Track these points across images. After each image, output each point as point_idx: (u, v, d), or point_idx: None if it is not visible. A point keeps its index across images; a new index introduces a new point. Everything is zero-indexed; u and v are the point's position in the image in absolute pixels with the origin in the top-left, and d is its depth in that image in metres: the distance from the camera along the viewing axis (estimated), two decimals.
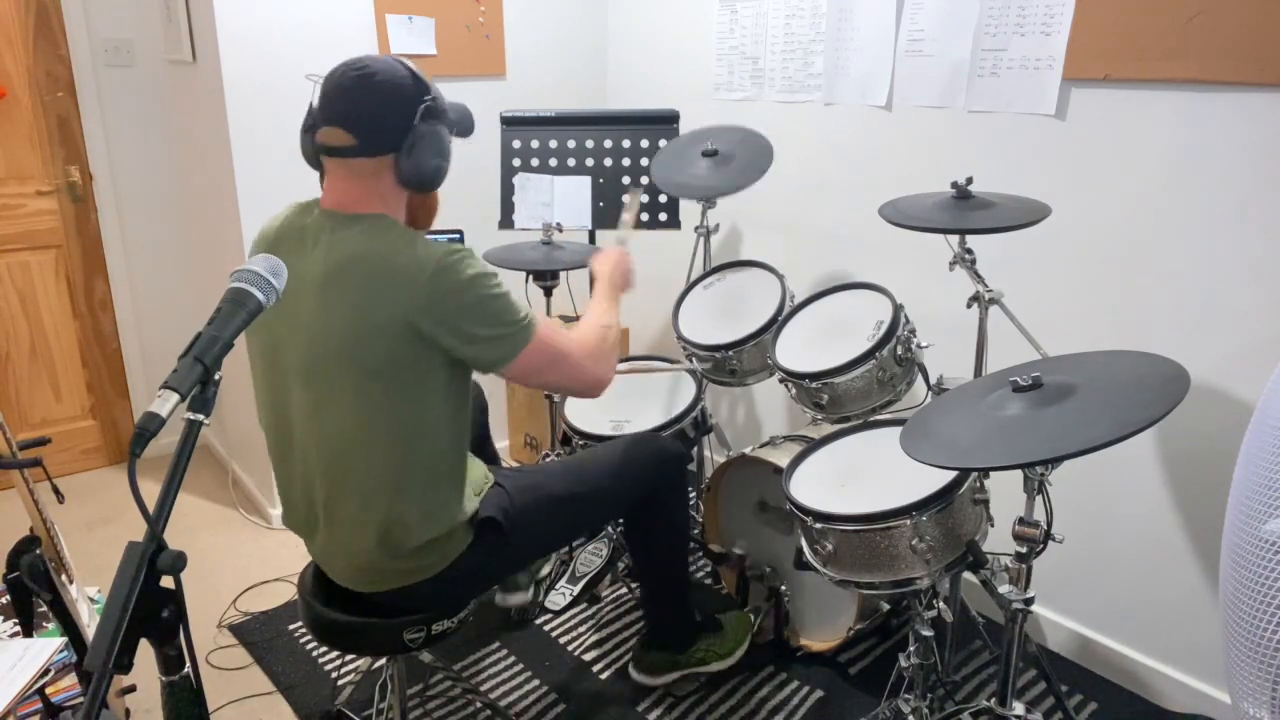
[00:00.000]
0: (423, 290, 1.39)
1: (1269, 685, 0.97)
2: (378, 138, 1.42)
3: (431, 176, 1.47)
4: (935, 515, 1.57)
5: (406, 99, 1.42)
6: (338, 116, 1.41)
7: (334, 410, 1.46)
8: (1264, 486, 0.99)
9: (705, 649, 2.14)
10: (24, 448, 1.65)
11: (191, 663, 0.99)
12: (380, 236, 1.43)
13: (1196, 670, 2.07)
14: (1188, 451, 1.99)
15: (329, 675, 2.21)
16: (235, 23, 2.49)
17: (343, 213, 1.46)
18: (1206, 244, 1.89)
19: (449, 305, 1.41)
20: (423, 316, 1.40)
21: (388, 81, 1.41)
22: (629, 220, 2.36)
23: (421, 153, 1.43)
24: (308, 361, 1.46)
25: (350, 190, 1.46)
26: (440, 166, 1.48)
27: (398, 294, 1.39)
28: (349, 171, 1.45)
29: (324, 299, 1.42)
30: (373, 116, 1.41)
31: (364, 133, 1.41)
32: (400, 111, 1.41)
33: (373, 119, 1.41)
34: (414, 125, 1.42)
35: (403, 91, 1.41)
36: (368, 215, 1.45)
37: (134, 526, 2.94)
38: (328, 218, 1.47)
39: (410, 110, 1.42)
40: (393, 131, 1.42)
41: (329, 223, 1.46)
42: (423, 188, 1.49)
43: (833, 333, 2.06)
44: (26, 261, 3.07)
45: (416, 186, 1.48)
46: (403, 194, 1.50)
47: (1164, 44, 1.86)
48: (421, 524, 1.53)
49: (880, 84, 2.41)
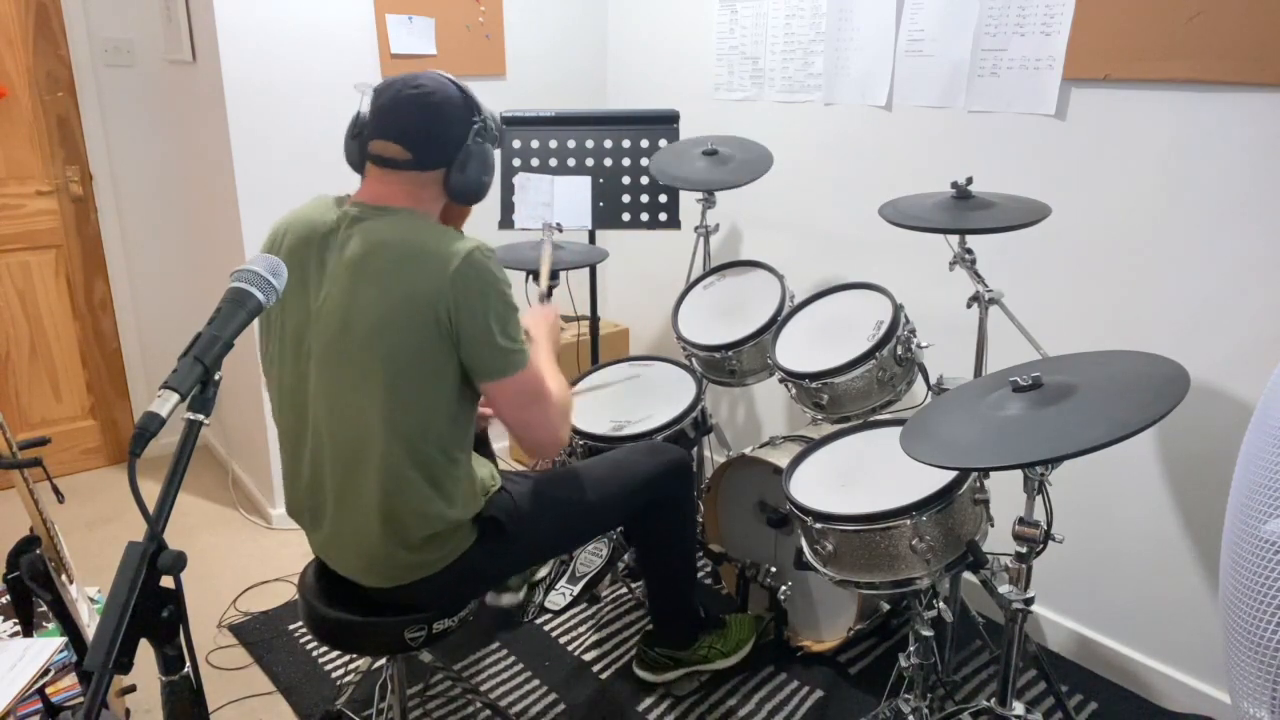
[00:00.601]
0: (450, 278, 1.43)
1: (1269, 685, 0.97)
2: (432, 154, 1.50)
3: (477, 190, 1.57)
4: (935, 515, 1.57)
5: (461, 120, 1.51)
6: (394, 131, 1.49)
7: (352, 396, 1.49)
8: (1264, 486, 0.99)
9: (709, 646, 2.14)
10: (24, 448, 1.65)
11: (191, 663, 0.99)
12: (412, 225, 1.49)
13: (1196, 670, 2.07)
14: (1188, 451, 1.99)
15: (329, 675, 2.21)
16: (235, 23, 2.49)
17: (376, 204, 1.52)
18: (1206, 244, 1.89)
19: (471, 294, 1.44)
20: (446, 301, 1.44)
21: (445, 102, 1.50)
22: (545, 272, 2.18)
23: (471, 169, 1.53)
24: (332, 345, 1.49)
25: (392, 192, 1.52)
26: (486, 182, 1.58)
27: (426, 279, 1.43)
28: (398, 179, 1.52)
29: (353, 282, 1.46)
30: (429, 135, 1.49)
31: (419, 149, 1.49)
32: (454, 131, 1.51)
33: (429, 137, 1.49)
34: (466, 144, 1.51)
35: (458, 112, 1.51)
36: (401, 208, 1.51)
37: (134, 526, 2.94)
38: (360, 208, 1.52)
39: (464, 131, 1.51)
40: (446, 149, 1.51)
41: (361, 212, 1.51)
42: (468, 200, 1.57)
43: (833, 333, 2.06)
44: (26, 261, 3.07)
45: (463, 199, 1.56)
46: (441, 200, 1.58)
47: (1164, 44, 1.86)
48: (426, 518, 1.54)
49: (880, 84, 2.41)
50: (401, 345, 1.45)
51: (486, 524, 1.64)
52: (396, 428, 1.48)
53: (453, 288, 1.43)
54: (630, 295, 3.45)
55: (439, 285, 1.43)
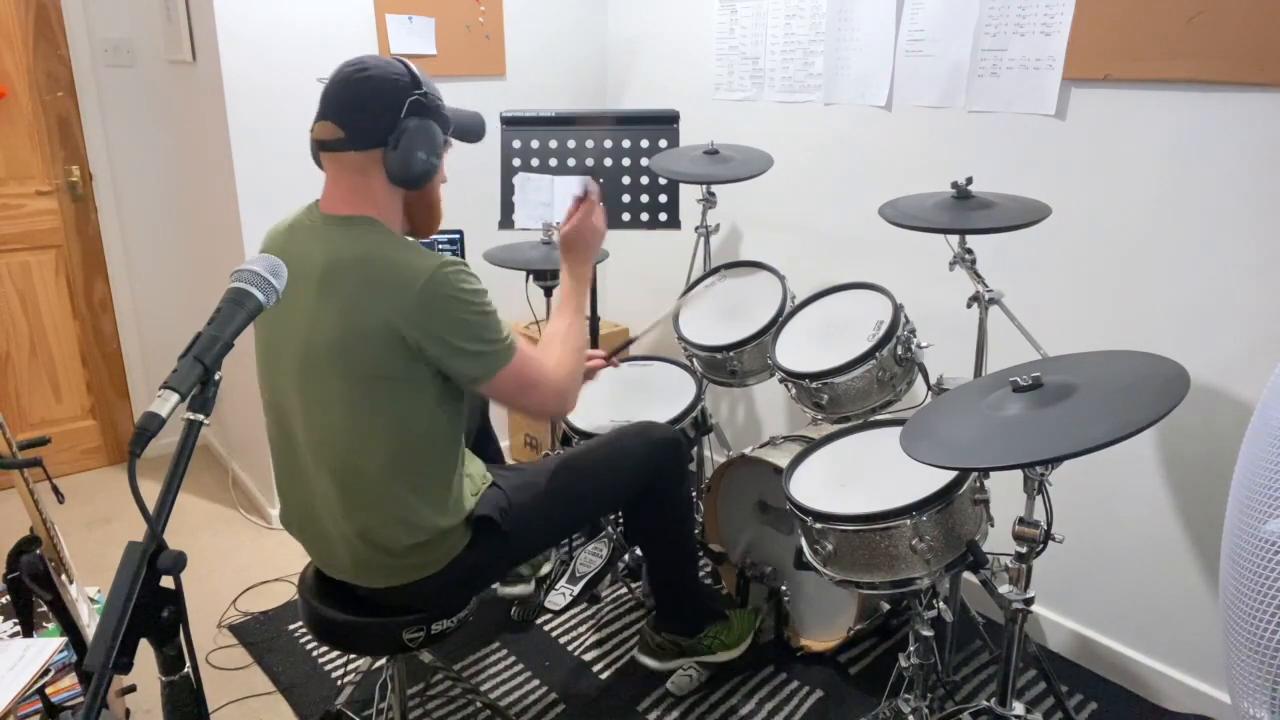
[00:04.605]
0: (414, 298, 1.39)
1: (1269, 685, 0.97)
2: (364, 131, 1.43)
3: (419, 172, 1.46)
4: (935, 515, 1.56)
5: (395, 93, 1.43)
6: (330, 110, 1.44)
7: (325, 410, 1.47)
8: (1264, 486, 0.99)
9: (713, 637, 2.13)
10: (24, 448, 1.65)
11: (191, 663, 0.99)
12: (376, 241, 1.44)
13: (1196, 670, 2.07)
14: (1188, 451, 1.99)
15: (329, 675, 2.21)
16: (235, 23, 2.49)
17: (338, 215, 1.47)
18: (1206, 244, 1.89)
19: (437, 316, 1.41)
20: (410, 325, 1.40)
21: (379, 77, 1.43)
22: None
23: (408, 147, 1.43)
24: (301, 361, 1.47)
25: (343, 189, 1.47)
26: (428, 162, 1.46)
27: (389, 300, 1.40)
28: (341, 167, 1.47)
29: (319, 300, 1.43)
30: (361, 110, 1.43)
31: (351, 125, 1.43)
32: (387, 105, 1.42)
33: (360, 112, 1.43)
34: (400, 119, 1.43)
35: (393, 86, 1.43)
36: (362, 218, 1.46)
37: (134, 526, 2.94)
38: (324, 220, 1.48)
39: (398, 104, 1.42)
40: (379, 125, 1.42)
41: (325, 225, 1.48)
42: (409, 184, 1.48)
43: (833, 333, 2.06)
44: (26, 261, 3.07)
45: (403, 182, 1.47)
46: (396, 195, 1.50)
47: (1164, 44, 1.86)
48: (413, 527, 1.53)
49: (880, 84, 2.41)
50: (367, 366, 1.42)
51: (480, 523, 1.62)
52: (371, 443, 1.47)
53: (417, 310, 1.39)
54: (630, 295, 3.44)
55: (402, 308, 1.39)
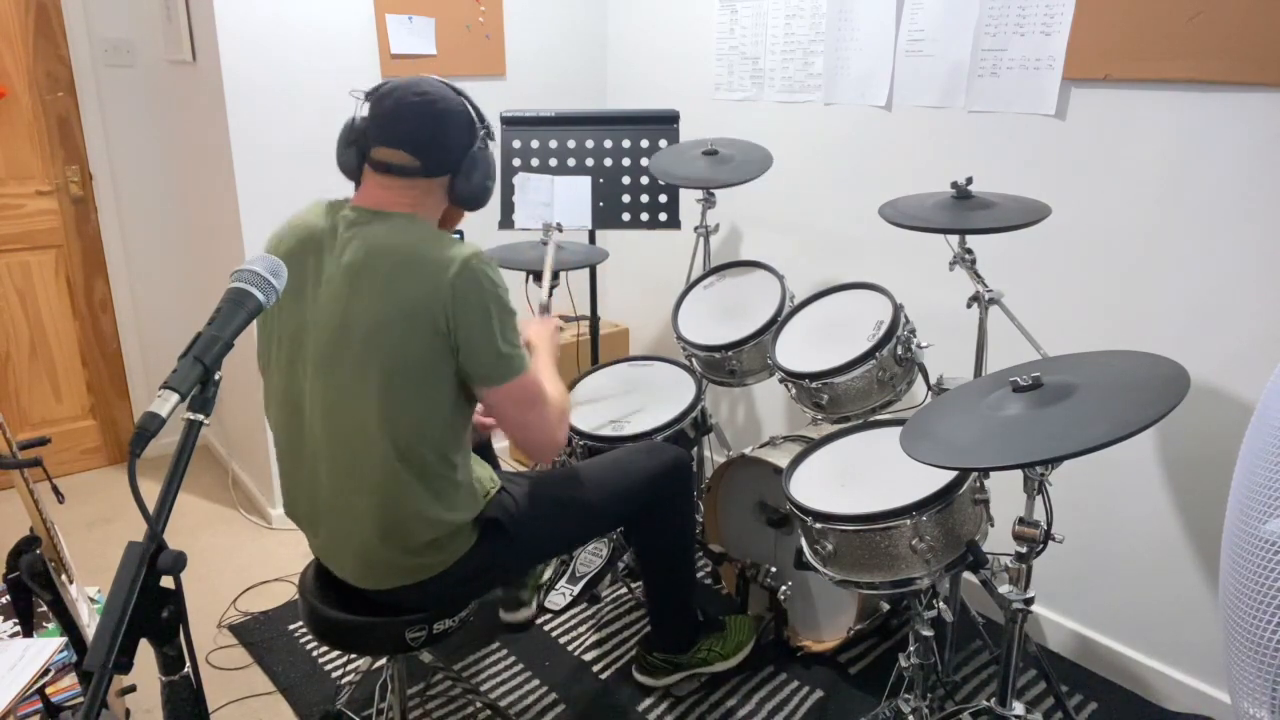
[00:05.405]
0: (448, 284, 1.43)
1: (1269, 685, 0.97)
2: (439, 161, 1.52)
3: (482, 195, 1.59)
4: (935, 515, 1.56)
5: (468, 127, 1.54)
6: (404, 140, 1.50)
7: (349, 401, 1.49)
8: (1264, 486, 0.99)
9: (708, 649, 2.14)
10: (24, 448, 1.65)
11: (191, 663, 0.99)
12: (410, 231, 1.49)
13: (1196, 670, 2.07)
14: (1188, 451, 1.99)
15: (329, 675, 2.21)
16: (235, 23, 2.49)
17: (379, 210, 1.52)
18: (1206, 244, 1.89)
19: (471, 302, 1.45)
20: (445, 310, 1.44)
21: (452, 110, 1.52)
22: (547, 277, 2.16)
23: (476, 176, 1.56)
24: (330, 349, 1.49)
25: (394, 194, 1.53)
26: (489, 187, 1.60)
27: (425, 285, 1.44)
28: (401, 185, 1.52)
29: (352, 287, 1.46)
30: (437, 143, 1.51)
31: (428, 156, 1.51)
32: (460, 138, 1.53)
33: (437, 145, 1.51)
34: (471, 151, 1.54)
35: (464, 119, 1.53)
36: (400, 214, 1.52)
37: (134, 526, 2.94)
38: (359, 213, 1.52)
39: (471, 138, 1.54)
40: (453, 156, 1.53)
41: (361, 217, 1.51)
42: (474, 206, 1.59)
43: (832, 333, 2.06)
44: (26, 261, 3.07)
45: (469, 205, 1.59)
46: (443, 205, 1.59)
47: (1164, 44, 1.86)
48: (425, 523, 1.54)
49: (880, 84, 2.41)
50: (399, 350, 1.45)
51: (487, 525, 1.64)
52: (393, 433, 1.48)
53: (452, 294, 1.43)
54: (630, 295, 3.45)
55: (438, 292, 1.43)
